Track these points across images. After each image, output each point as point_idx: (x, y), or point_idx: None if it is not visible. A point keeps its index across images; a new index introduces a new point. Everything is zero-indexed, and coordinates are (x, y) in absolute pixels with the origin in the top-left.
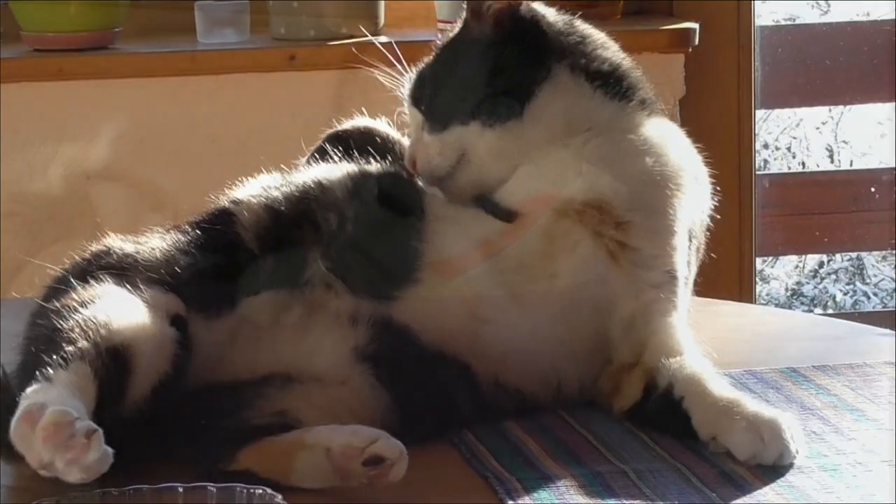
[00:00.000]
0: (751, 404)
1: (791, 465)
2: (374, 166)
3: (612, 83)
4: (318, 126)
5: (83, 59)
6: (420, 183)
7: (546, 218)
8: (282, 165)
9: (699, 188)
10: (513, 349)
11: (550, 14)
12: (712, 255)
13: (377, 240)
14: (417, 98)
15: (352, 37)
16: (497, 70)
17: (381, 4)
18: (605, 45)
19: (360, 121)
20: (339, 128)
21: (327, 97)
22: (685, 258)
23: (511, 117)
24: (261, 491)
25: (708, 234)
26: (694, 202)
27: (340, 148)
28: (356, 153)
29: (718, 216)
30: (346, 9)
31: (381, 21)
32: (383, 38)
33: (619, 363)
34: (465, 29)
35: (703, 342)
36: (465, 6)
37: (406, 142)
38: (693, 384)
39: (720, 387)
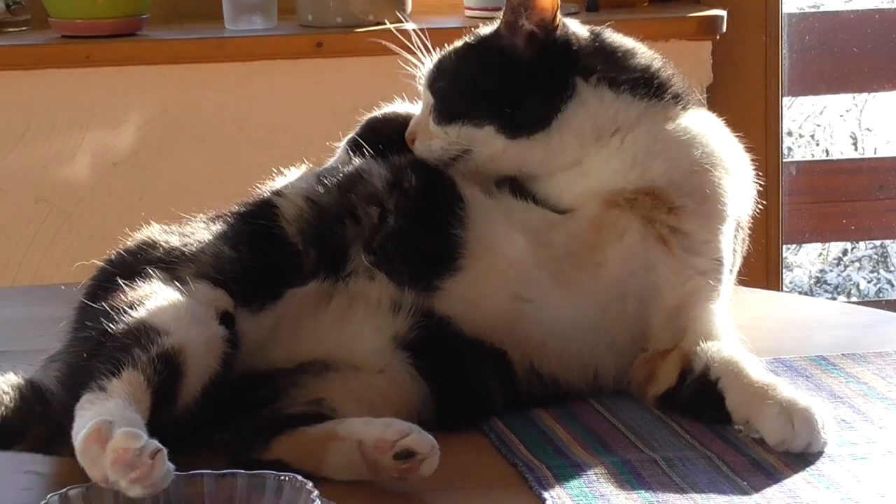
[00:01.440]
0: (787, 390)
1: (820, 454)
2: (410, 156)
3: (639, 86)
4: (346, 113)
5: (111, 45)
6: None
7: (595, 208)
8: (307, 157)
9: (744, 177)
10: (553, 334)
11: (581, 33)
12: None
13: (419, 232)
14: (433, 82)
15: (379, 24)
16: (523, 83)
17: None
18: (633, 54)
19: (398, 106)
20: (377, 113)
21: (355, 84)
22: (731, 246)
23: (536, 130)
24: (291, 477)
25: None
26: (740, 190)
27: (378, 135)
28: (394, 139)
29: None
30: None
31: (409, 8)
32: (411, 25)
33: (656, 350)
34: (496, 35)
35: (734, 330)
36: (502, 10)
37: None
38: (730, 366)
39: (757, 370)
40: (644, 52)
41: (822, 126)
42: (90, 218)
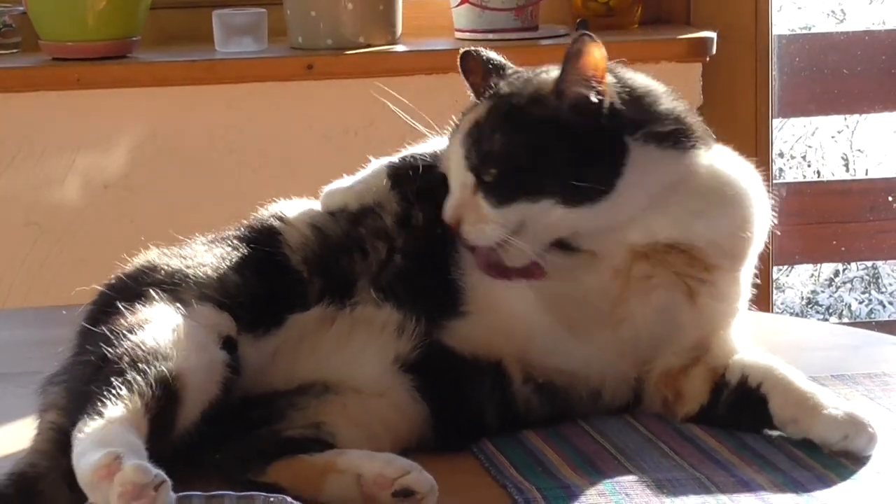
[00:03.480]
0: (831, 395)
1: (870, 457)
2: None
3: (678, 138)
4: (337, 135)
5: (101, 68)
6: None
7: (621, 258)
8: (298, 180)
9: (765, 210)
10: (559, 366)
11: (614, 86)
12: None
13: (423, 273)
14: (473, 161)
15: (369, 46)
16: (582, 152)
17: (399, 13)
18: (657, 97)
19: (441, 143)
20: (418, 150)
21: (346, 106)
22: (750, 280)
23: (600, 197)
24: (279, 499)
25: None
26: (765, 230)
27: (412, 177)
28: (427, 183)
29: None
30: (363, 18)
31: (399, 30)
32: (401, 48)
33: (672, 366)
34: (538, 103)
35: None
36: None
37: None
38: (772, 371)
39: (799, 377)
40: (662, 93)
41: (813, 147)
42: (81, 241)
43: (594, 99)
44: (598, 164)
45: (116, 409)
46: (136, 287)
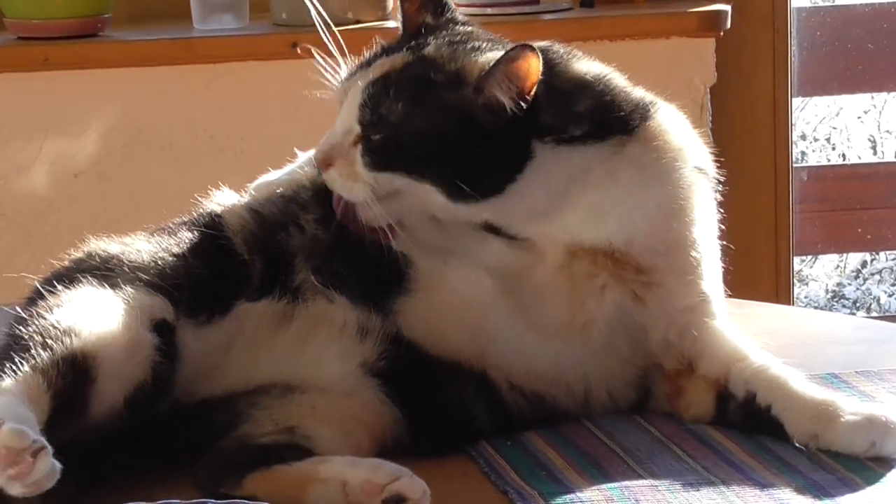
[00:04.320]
0: (845, 399)
1: None
2: None
3: (589, 134)
4: (324, 118)
5: (70, 47)
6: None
7: (559, 257)
8: (283, 165)
9: (706, 178)
10: (532, 367)
11: (541, 85)
12: (747, 254)
13: (350, 246)
14: (365, 114)
15: (359, 22)
16: (480, 152)
17: None
18: (582, 94)
19: None
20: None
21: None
22: (716, 265)
23: (487, 197)
24: None
25: (741, 230)
26: (708, 205)
27: None
28: None
29: (753, 213)
30: None
31: (391, 6)
32: (393, 24)
33: (670, 369)
34: (455, 88)
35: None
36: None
37: None
38: (778, 388)
39: (806, 385)
40: (594, 86)
41: (838, 129)
42: (50, 232)
43: (509, 110)
44: (494, 167)
45: (13, 382)
46: (68, 275)
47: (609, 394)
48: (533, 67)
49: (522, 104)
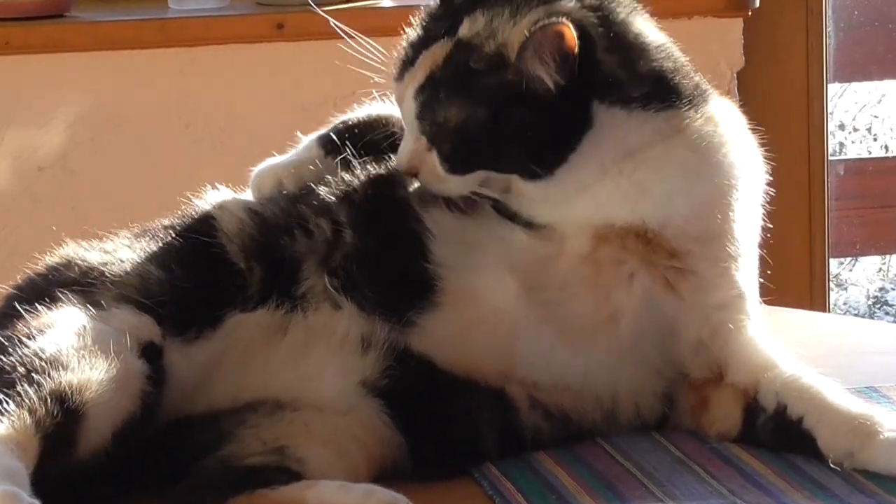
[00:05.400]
0: (885, 414)
1: None
2: (367, 169)
3: (652, 98)
4: (311, 105)
5: (34, 29)
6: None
7: (585, 243)
8: (274, 153)
9: (756, 179)
10: (559, 381)
11: (598, 37)
12: (778, 256)
13: (382, 253)
14: (427, 128)
15: (349, 1)
16: (545, 126)
17: None
18: (646, 55)
19: (375, 108)
20: (350, 117)
21: (321, 71)
22: (753, 265)
23: (556, 168)
24: None
25: (772, 229)
26: (754, 201)
27: (360, 138)
28: (368, 148)
29: (785, 211)
30: None
31: None
32: (387, 3)
33: (697, 378)
34: (499, 68)
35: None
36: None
37: None
38: (811, 399)
39: (842, 397)
40: (658, 47)
41: (879, 117)
42: (12, 231)
43: (554, 84)
44: (557, 136)
45: (2, 427)
46: (45, 288)
47: (636, 406)
48: (567, 39)
49: (570, 74)
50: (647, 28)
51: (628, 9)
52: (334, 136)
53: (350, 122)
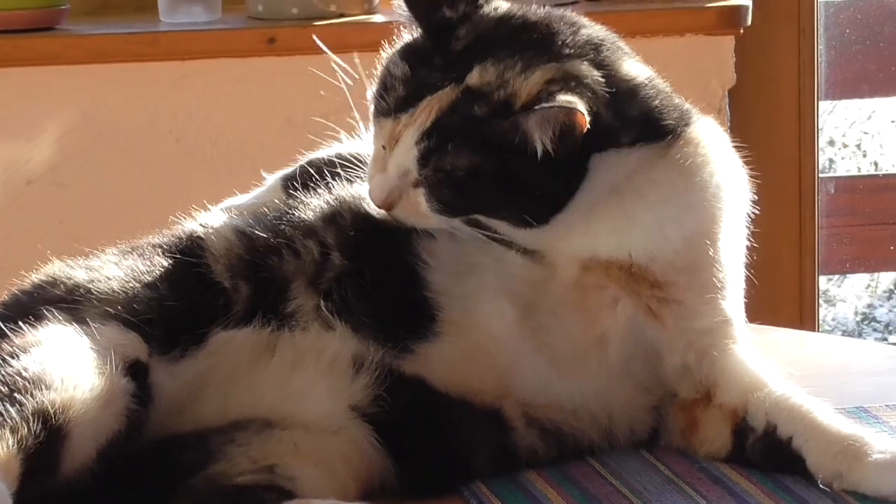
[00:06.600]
0: (875, 436)
1: None
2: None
3: (643, 136)
4: (302, 120)
5: (23, 42)
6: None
7: (573, 271)
8: (258, 172)
9: (741, 198)
10: (554, 403)
11: (600, 88)
12: (768, 272)
13: (374, 279)
14: (428, 172)
15: (342, 16)
16: (542, 183)
17: None
18: (637, 94)
19: (343, 147)
20: (317, 156)
21: (313, 87)
22: (739, 288)
23: (552, 216)
24: None
25: (762, 246)
26: (739, 221)
27: (314, 184)
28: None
29: (775, 228)
30: None
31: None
32: (379, 18)
33: (686, 398)
34: (506, 119)
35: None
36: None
37: None
38: (800, 418)
39: (831, 417)
40: (645, 89)
41: (869, 134)
42: (0, 245)
43: (548, 149)
44: (557, 190)
45: None
46: (30, 305)
47: (630, 422)
48: (578, 126)
49: (571, 147)
50: (635, 68)
51: (621, 52)
52: (298, 178)
53: (316, 162)
